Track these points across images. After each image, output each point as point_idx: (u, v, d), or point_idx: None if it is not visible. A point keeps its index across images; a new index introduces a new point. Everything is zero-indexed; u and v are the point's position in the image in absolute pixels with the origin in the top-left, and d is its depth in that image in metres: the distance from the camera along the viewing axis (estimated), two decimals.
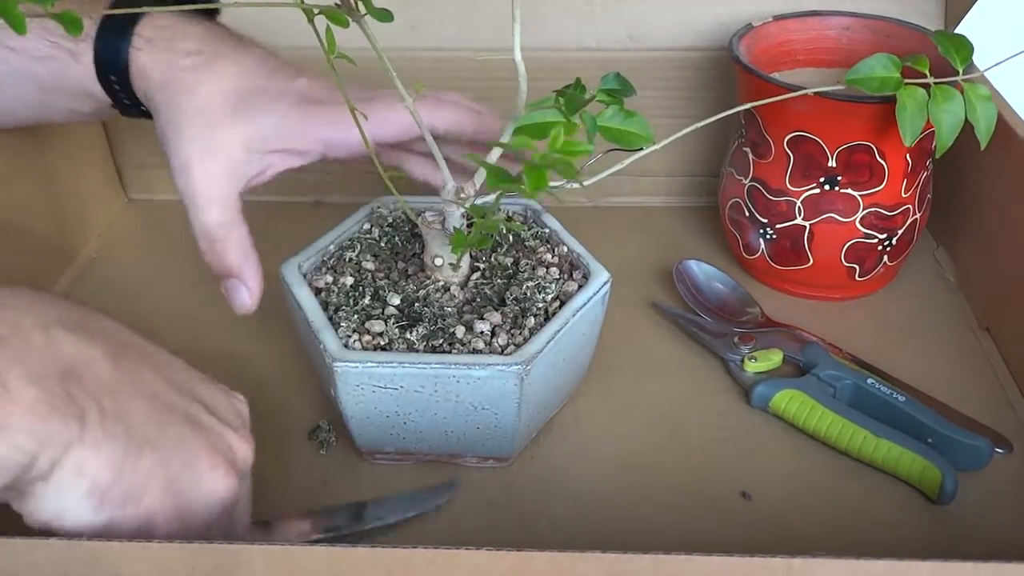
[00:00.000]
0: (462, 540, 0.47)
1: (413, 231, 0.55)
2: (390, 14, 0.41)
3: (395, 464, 0.52)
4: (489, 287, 0.51)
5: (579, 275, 0.52)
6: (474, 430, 0.49)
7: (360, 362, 0.46)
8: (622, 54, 0.71)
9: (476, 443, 0.50)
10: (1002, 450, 0.53)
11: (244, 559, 0.35)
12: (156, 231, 0.74)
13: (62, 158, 0.69)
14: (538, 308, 0.49)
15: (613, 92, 0.43)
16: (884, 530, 0.49)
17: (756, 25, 0.65)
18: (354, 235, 0.54)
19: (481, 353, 0.47)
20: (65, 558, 0.35)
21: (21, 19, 0.27)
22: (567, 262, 0.53)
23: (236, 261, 0.51)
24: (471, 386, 0.46)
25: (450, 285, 0.51)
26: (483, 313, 0.49)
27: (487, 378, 0.46)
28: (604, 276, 0.51)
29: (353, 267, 0.52)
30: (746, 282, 0.66)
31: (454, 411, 0.47)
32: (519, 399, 0.46)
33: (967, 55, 0.39)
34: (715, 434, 0.55)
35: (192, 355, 0.60)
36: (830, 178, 0.60)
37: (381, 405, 0.47)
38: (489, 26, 0.71)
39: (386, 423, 0.48)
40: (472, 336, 0.48)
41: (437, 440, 0.50)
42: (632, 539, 0.48)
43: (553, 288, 0.50)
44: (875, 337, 0.62)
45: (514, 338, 0.48)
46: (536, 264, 0.53)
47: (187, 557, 0.35)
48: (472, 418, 0.48)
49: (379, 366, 0.46)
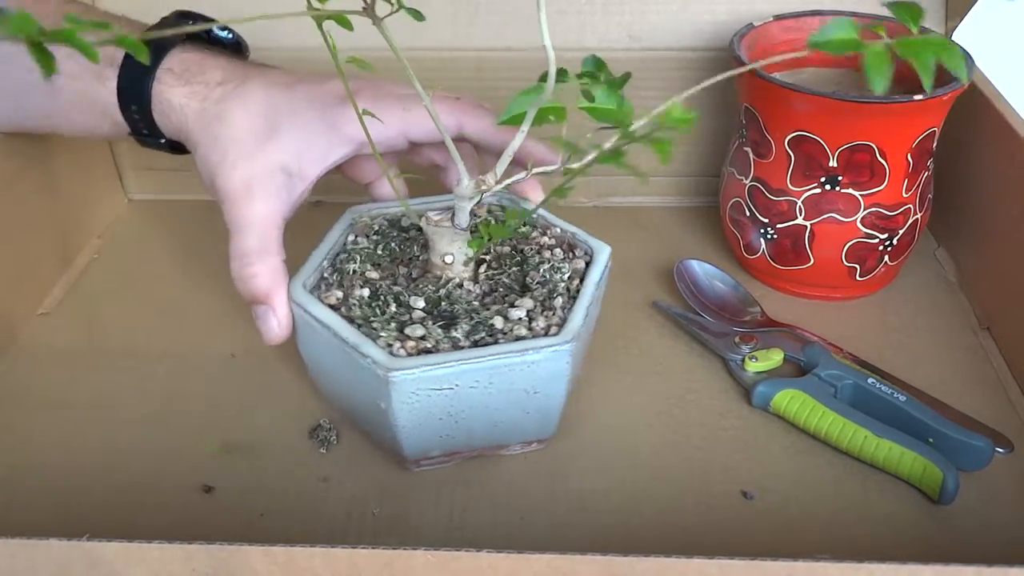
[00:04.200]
0: (462, 540, 0.48)
1: (405, 235, 0.55)
2: (421, 14, 0.42)
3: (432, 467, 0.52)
4: (506, 276, 0.52)
5: (580, 252, 0.53)
6: (523, 416, 0.49)
7: (416, 367, 0.45)
8: (622, 54, 0.71)
9: (523, 429, 0.51)
10: (1003, 450, 0.53)
11: (244, 559, 0.35)
12: (157, 232, 0.74)
13: (63, 158, 0.69)
14: (562, 288, 0.50)
15: (592, 74, 0.44)
16: (885, 530, 0.49)
17: (757, 25, 0.65)
18: (346, 248, 0.53)
19: (527, 338, 0.47)
20: (65, 558, 0.35)
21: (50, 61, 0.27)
22: (564, 242, 0.54)
23: (264, 287, 0.50)
24: (525, 372, 0.46)
25: (463, 281, 0.51)
26: (513, 301, 0.50)
27: (541, 361, 0.46)
28: (607, 249, 0.53)
29: (361, 279, 0.51)
30: (747, 282, 0.66)
31: (506, 400, 0.48)
32: (569, 376, 0.48)
33: (918, 18, 0.43)
34: (716, 434, 0.55)
35: (192, 355, 0.61)
36: (831, 178, 0.60)
37: (435, 408, 0.47)
38: (489, 26, 0.71)
39: (438, 426, 0.48)
40: (512, 324, 0.48)
41: (486, 433, 0.50)
42: (632, 539, 0.48)
43: (567, 267, 0.52)
44: (876, 337, 0.62)
45: (549, 319, 0.48)
46: (539, 248, 0.53)
47: (187, 557, 0.35)
48: (523, 404, 0.48)
49: (435, 367, 0.45)
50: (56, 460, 0.53)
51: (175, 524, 0.49)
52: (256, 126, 0.52)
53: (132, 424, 0.55)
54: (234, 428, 0.55)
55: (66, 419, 0.56)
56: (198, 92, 0.53)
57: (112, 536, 0.36)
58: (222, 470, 0.52)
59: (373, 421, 0.49)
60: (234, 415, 0.56)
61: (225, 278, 0.51)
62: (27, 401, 0.57)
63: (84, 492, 0.51)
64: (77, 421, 0.56)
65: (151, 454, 0.53)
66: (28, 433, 0.55)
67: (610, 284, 0.52)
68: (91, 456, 0.53)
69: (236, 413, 0.56)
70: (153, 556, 0.35)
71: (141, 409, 0.56)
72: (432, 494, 0.51)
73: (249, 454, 0.53)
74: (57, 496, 0.51)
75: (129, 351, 0.61)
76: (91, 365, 0.60)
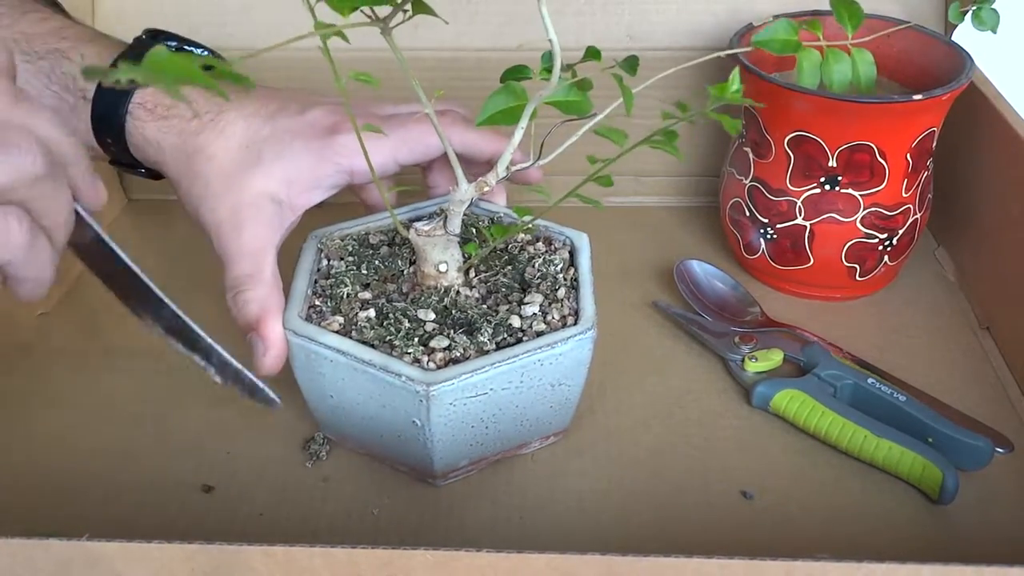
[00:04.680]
0: (462, 539, 0.48)
1: (378, 252, 0.54)
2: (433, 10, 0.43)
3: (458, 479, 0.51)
4: (502, 275, 0.52)
5: (559, 244, 0.54)
6: (547, 410, 0.50)
7: (455, 378, 0.44)
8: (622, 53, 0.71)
9: (545, 423, 0.51)
10: (1003, 450, 0.53)
11: (244, 559, 0.35)
12: (156, 231, 0.74)
13: None
14: (561, 279, 0.51)
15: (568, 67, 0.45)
16: (884, 530, 0.49)
17: (757, 25, 0.65)
18: (329, 273, 0.52)
19: (548, 332, 0.47)
20: (65, 558, 0.35)
21: None
22: (541, 237, 0.55)
23: (254, 314, 0.48)
24: (553, 365, 0.47)
25: (459, 288, 0.51)
26: (519, 299, 0.50)
27: (568, 351, 0.47)
28: (585, 236, 0.54)
29: (358, 302, 0.50)
30: (747, 282, 0.66)
31: (534, 396, 0.48)
32: (590, 364, 0.49)
33: (857, 21, 0.47)
34: (716, 434, 0.55)
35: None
36: (830, 178, 0.60)
37: (469, 416, 0.46)
38: (489, 26, 0.71)
39: (469, 434, 0.48)
40: (528, 320, 0.48)
41: (512, 434, 0.50)
42: (631, 538, 0.48)
43: (558, 259, 0.52)
44: (876, 337, 0.62)
45: (561, 311, 0.49)
46: (521, 245, 0.54)
47: (187, 557, 0.35)
48: (548, 398, 0.49)
49: (473, 375, 0.45)
50: (56, 460, 0.53)
51: (175, 524, 0.49)
52: (238, 157, 0.51)
53: (132, 424, 0.55)
54: (234, 428, 0.55)
55: (66, 419, 0.56)
56: (173, 126, 0.52)
57: (112, 536, 0.36)
58: (222, 470, 0.52)
59: (401, 442, 0.48)
60: (234, 415, 0.56)
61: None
62: (27, 401, 0.57)
63: (84, 492, 0.51)
64: (77, 421, 0.56)
65: (151, 454, 0.53)
66: (28, 433, 0.55)
67: (610, 284, 0.52)
68: (91, 456, 0.53)
69: (236, 413, 0.56)
70: (153, 556, 0.35)
71: (141, 409, 0.56)
72: (432, 494, 0.51)
73: (249, 454, 0.53)
74: (57, 496, 0.51)
75: (129, 351, 0.61)
76: (91, 365, 0.60)
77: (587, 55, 0.46)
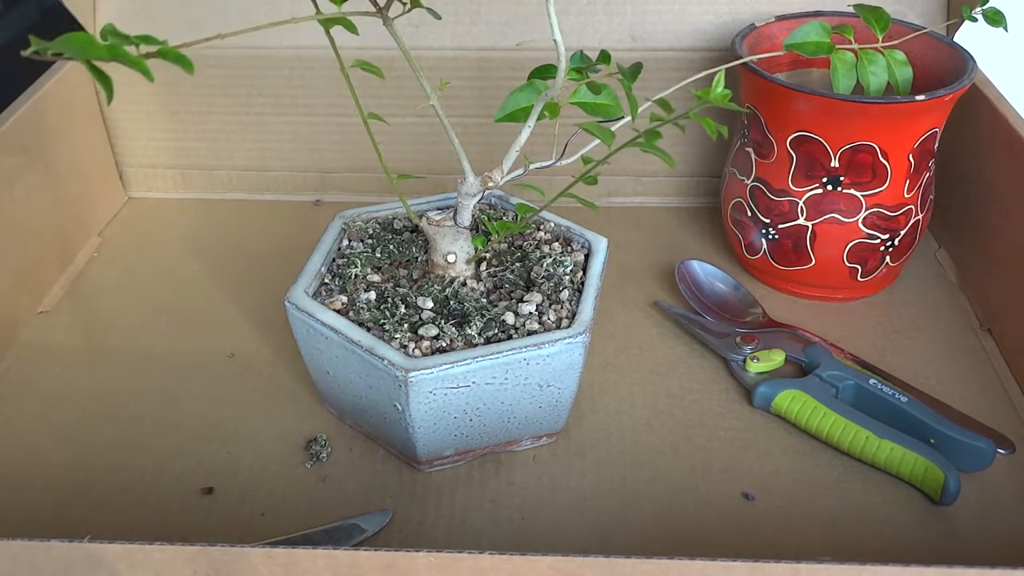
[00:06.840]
0: (463, 539, 0.48)
1: (399, 237, 0.55)
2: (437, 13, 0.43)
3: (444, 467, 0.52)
4: (509, 272, 0.52)
5: (577, 245, 0.54)
6: (536, 410, 0.50)
7: (435, 367, 0.45)
8: (624, 54, 0.71)
9: (535, 423, 0.51)
10: (1005, 451, 0.53)
11: (244, 560, 0.35)
12: (156, 230, 0.74)
13: (62, 156, 0.69)
14: (567, 281, 0.51)
15: (581, 70, 0.45)
16: (886, 531, 0.49)
17: (759, 25, 0.65)
18: (343, 252, 0.54)
19: (540, 332, 0.47)
20: (65, 559, 0.35)
21: (109, 84, 0.25)
22: (560, 236, 0.55)
23: None
24: (540, 365, 0.47)
25: (466, 279, 0.51)
26: (520, 296, 0.50)
27: (556, 354, 0.47)
28: (604, 240, 0.54)
29: (364, 283, 0.51)
30: (748, 282, 0.66)
31: (521, 395, 0.48)
32: (582, 367, 0.48)
33: (885, 24, 0.47)
34: (717, 434, 0.54)
35: (192, 355, 0.61)
36: (832, 178, 0.60)
37: (451, 407, 0.47)
38: (490, 26, 0.71)
39: (453, 425, 0.48)
40: (523, 319, 0.48)
41: (498, 429, 0.50)
42: (632, 539, 0.48)
43: (569, 261, 0.52)
44: (877, 338, 0.62)
45: (559, 312, 0.49)
46: (537, 243, 0.54)
47: (187, 558, 0.35)
48: (536, 398, 0.49)
49: (453, 366, 0.45)
50: (56, 460, 0.53)
51: (175, 523, 0.49)
52: None
53: (132, 424, 0.55)
54: (234, 428, 0.55)
55: (66, 418, 0.56)
56: None
57: (112, 536, 0.36)
58: (222, 470, 0.52)
59: (386, 424, 0.49)
60: (234, 415, 0.56)
61: (225, 277, 0.51)
62: (27, 401, 0.57)
63: (84, 492, 0.51)
64: (77, 420, 0.56)
65: (151, 454, 0.53)
66: (28, 432, 0.55)
67: (611, 284, 0.52)
68: (91, 456, 0.53)
69: (236, 413, 0.56)
70: (155, 557, 0.35)
71: (141, 409, 0.56)
72: (433, 494, 0.50)
73: (249, 454, 0.53)
74: (57, 495, 0.50)
75: (129, 350, 0.61)
76: (91, 364, 0.60)
77: (599, 59, 0.45)
